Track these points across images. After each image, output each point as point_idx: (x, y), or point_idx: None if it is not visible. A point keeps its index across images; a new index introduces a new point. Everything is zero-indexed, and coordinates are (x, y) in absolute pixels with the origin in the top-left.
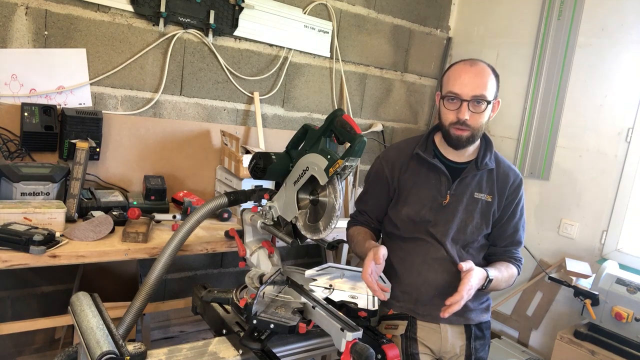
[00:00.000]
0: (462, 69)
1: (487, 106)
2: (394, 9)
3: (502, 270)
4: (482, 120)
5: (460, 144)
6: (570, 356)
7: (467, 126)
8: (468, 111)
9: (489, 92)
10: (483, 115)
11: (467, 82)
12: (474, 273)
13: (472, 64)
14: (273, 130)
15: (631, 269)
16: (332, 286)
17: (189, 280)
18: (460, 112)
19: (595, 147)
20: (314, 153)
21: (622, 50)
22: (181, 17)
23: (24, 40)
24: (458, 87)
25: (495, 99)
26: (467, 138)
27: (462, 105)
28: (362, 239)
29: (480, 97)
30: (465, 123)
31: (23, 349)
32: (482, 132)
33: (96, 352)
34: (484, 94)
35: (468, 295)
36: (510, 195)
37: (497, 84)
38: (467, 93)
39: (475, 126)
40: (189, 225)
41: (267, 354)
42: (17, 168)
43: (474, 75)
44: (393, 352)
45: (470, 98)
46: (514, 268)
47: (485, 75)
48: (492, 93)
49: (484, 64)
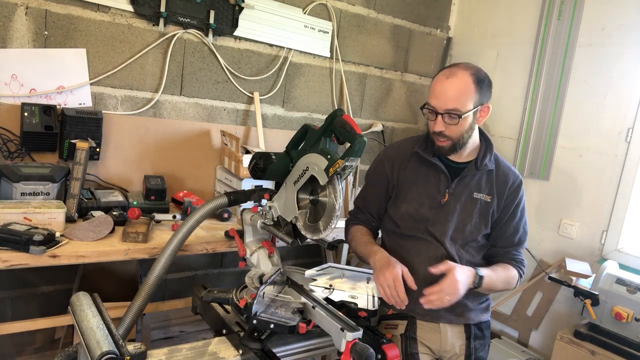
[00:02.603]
0: (439, 80)
1: (460, 119)
2: (394, 9)
3: (498, 270)
4: (461, 130)
5: (443, 153)
6: (570, 356)
7: (445, 137)
8: (443, 123)
9: (464, 104)
10: (460, 126)
11: (440, 95)
12: (458, 270)
13: (448, 75)
14: (273, 130)
15: (631, 269)
16: (332, 286)
17: (189, 280)
18: (436, 125)
19: (595, 147)
20: (314, 153)
21: (622, 50)
22: (181, 17)
23: (24, 40)
24: (433, 99)
25: (478, 106)
26: (449, 147)
27: (437, 117)
28: (367, 240)
29: (452, 110)
30: (442, 134)
31: (23, 349)
32: (467, 139)
33: (96, 352)
34: (456, 107)
35: (453, 290)
36: (510, 196)
37: (482, 90)
38: (440, 106)
39: (454, 136)
40: (189, 225)
41: (267, 354)
42: (17, 168)
43: (446, 89)
44: (393, 352)
45: (443, 111)
46: (513, 270)
47: (460, 87)
48: (468, 104)
49: (465, 71)
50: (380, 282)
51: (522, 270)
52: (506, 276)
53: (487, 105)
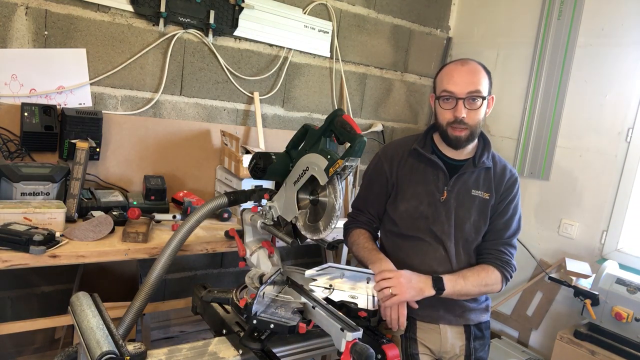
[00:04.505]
0: (454, 68)
1: (482, 102)
2: (394, 9)
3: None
4: (479, 117)
5: (460, 144)
6: (570, 356)
7: (465, 124)
8: (464, 109)
9: (483, 88)
10: (479, 111)
11: (460, 80)
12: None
13: (463, 63)
14: (273, 130)
15: (631, 269)
16: (332, 286)
17: (189, 280)
18: (457, 110)
19: (595, 147)
20: (314, 153)
21: (622, 50)
22: (181, 17)
23: (24, 40)
24: (452, 85)
25: (489, 95)
26: (467, 137)
27: (458, 103)
28: (371, 247)
29: (475, 92)
30: (463, 121)
31: (23, 349)
32: (480, 129)
33: (96, 352)
34: (478, 89)
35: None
36: (505, 191)
37: (490, 81)
38: (462, 91)
39: (473, 124)
40: (189, 225)
41: (267, 354)
42: (17, 168)
43: (466, 73)
44: (393, 352)
45: (465, 95)
46: (494, 272)
47: (478, 72)
48: (485, 89)
49: (475, 62)
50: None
51: (507, 272)
52: (481, 280)
53: (492, 96)
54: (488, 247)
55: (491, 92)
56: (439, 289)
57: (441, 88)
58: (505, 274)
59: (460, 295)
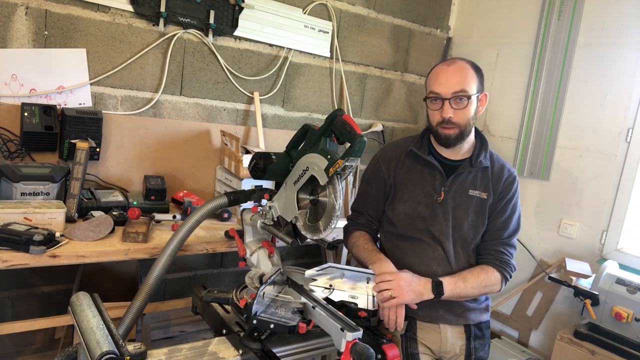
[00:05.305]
0: (440, 69)
1: (468, 101)
2: (394, 9)
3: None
4: (468, 116)
5: (450, 142)
6: (570, 356)
7: (453, 124)
8: (451, 109)
9: (469, 87)
10: (467, 110)
11: (445, 80)
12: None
13: (449, 63)
14: (273, 130)
15: (631, 269)
16: (332, 286)
17: (189, 280)
18: (444, 111)
19: (595, 147)
20: (314, 153)
21: (622, 50)
22: (181, 17)
23: (24, 40)
24: (437, 86)
25: (479, 93)
26: (456, 135)
27: (444, 103)
28: (371, 248)
29: (460, 92)
30: (450, 121)
31: (23, 349)
32: (472, 127)
33: (96, 352)
34: (464, 88)
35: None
36: (503, 191)
37: (480, 79)
38: (447, 91)
39: (462, 122)
40: (189, 225)
41: (267, 354)
42: (17, 168)
43: (451, 73)
44: (393, 352)
45: (451, 96)
46: (494, 273)
47: (463, 71)
48: (473, 87)
49: (463, 61)
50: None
51: (507, 272)
52: (481, 281)
53: (484, 93)
54: (487, 247)
55: (483, 90)
56: (438, 293)
57: (429, 89)
58: (505, 274)
59: (460, 297)
